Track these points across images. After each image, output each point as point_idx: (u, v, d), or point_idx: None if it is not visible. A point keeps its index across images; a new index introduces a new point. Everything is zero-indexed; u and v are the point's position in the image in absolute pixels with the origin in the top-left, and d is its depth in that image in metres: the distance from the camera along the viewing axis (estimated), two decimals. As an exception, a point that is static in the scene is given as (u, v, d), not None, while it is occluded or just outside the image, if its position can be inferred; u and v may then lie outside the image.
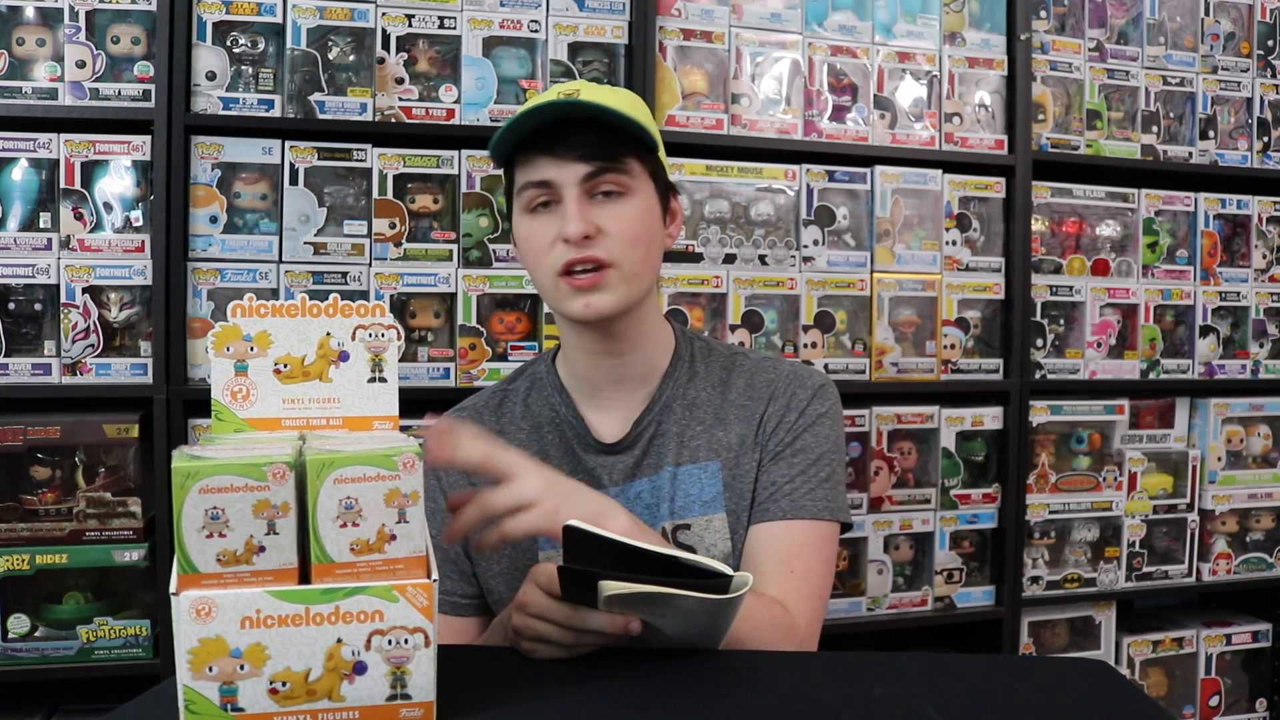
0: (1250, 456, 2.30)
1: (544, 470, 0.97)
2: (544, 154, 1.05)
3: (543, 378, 1.20)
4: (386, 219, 1.80)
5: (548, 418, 1.17)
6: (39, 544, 1.64)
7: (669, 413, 1.15)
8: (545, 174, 1.05)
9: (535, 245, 1.07)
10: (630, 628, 0.83)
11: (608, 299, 1.06)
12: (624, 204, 1.07)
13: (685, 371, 1.18)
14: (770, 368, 1.20)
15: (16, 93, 1.68)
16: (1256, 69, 2.31)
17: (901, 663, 0.93)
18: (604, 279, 1.06)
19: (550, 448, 1.15)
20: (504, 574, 1.13)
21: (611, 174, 1.06)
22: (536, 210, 1.08)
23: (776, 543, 1.10)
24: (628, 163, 1.07)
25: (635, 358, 1.15)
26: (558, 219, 1.05)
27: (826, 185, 2.01)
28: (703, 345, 1.22)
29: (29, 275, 1.68)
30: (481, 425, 1.17)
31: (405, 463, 0.69)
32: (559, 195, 1.06)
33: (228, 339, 0.78)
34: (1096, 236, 2.20)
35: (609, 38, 1.88)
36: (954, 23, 2.09)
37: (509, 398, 1.21)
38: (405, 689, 0.71)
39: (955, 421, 2.07)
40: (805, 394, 1.16)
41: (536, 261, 1.08)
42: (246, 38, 1.75)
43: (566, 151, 1.05)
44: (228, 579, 0.67)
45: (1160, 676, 2.26)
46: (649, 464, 1.14)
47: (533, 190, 1.07)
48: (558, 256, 1.05)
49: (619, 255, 1.06)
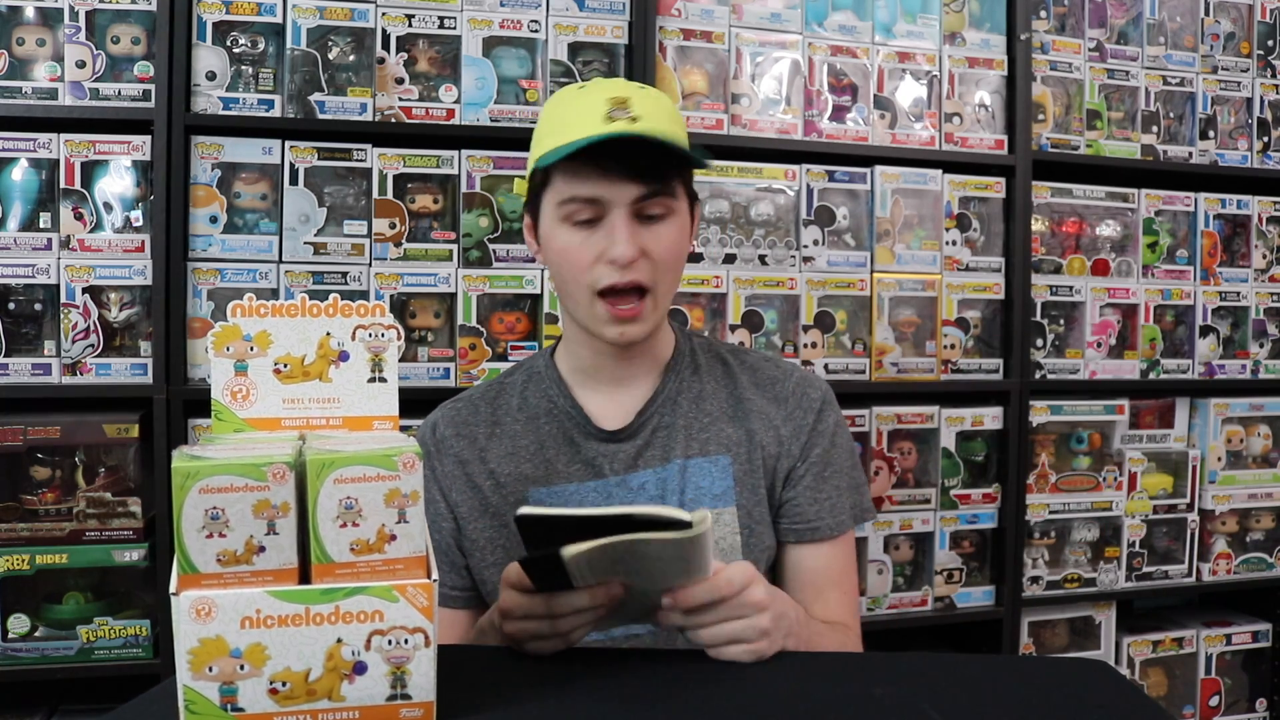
0: (1250, 456, 2.30)
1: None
2: (595, 169, 1.03)
3: (541, 371, 1.20)
4: (386, 219, 1.80)
5: (545, 408, 1.17)
6: (39, 544, 1.64)
7: (675, 405, 1.16)
8: (596, 192, 1.04)
9: (574, 260, 1.06)
10: (612, 593, 0.84)
11: (641, 329, 1.08)
12: (667, 226, 1.08)
13: (688, 365, 1.19)
14: (772, 366, 1.22)
15: (16, 93, 1.68)
16: (1256, 69, 2.31)
17: (901, 663, 0.93)
18: (642, 310, 1.07)
19: (547, 437, 1.15)
20: (497, 565, 1.13)
21: (661, 197, 1.06)
22: (578, 224, 1.06)
23: (828, 567, 1.16)
24: (674, 185, 1.08)
25: (641, 355, 1.16)
26: (601, 237, 1.05)
27: (826, 185, 2.01)
28: (702, 341, 1.24)
29: (29, 275, 1.68)
30: (476, 416, 1.18)
31: (405, 463, 0.69)
32: (604, 212, 1.05)
33: (228, 339, 0.78)
34: (1096, 236, 2.20)
35: (609, 38, 1.88)
36: (954, 23, 2.09)
37: (505, 390, 1.21)
38: (405, 689, 0.71)
39: (955, 421, 2.07)
40: (815, 405, 1.18)
41: (572, 275, 1.07)
42: (246, 38, 1.75)
43: (621, 172, 1.03)
44: (228, 579, 0.67)
45: (1160, 676, 2.26)
46: (653, 455, 1.14)
47: (578, 205, 1.05)
48: (599, 276, 1.05)
49: (658, 278, 1.07)
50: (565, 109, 1.08)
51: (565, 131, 1.04)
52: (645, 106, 1.05)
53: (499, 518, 1.13)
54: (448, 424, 1.18)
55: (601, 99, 1.05)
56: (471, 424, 1.18)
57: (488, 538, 1.14)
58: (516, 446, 1.16)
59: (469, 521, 1.15)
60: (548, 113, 1.11)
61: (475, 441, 1.16)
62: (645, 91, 1.08)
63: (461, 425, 1.18)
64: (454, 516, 1.15)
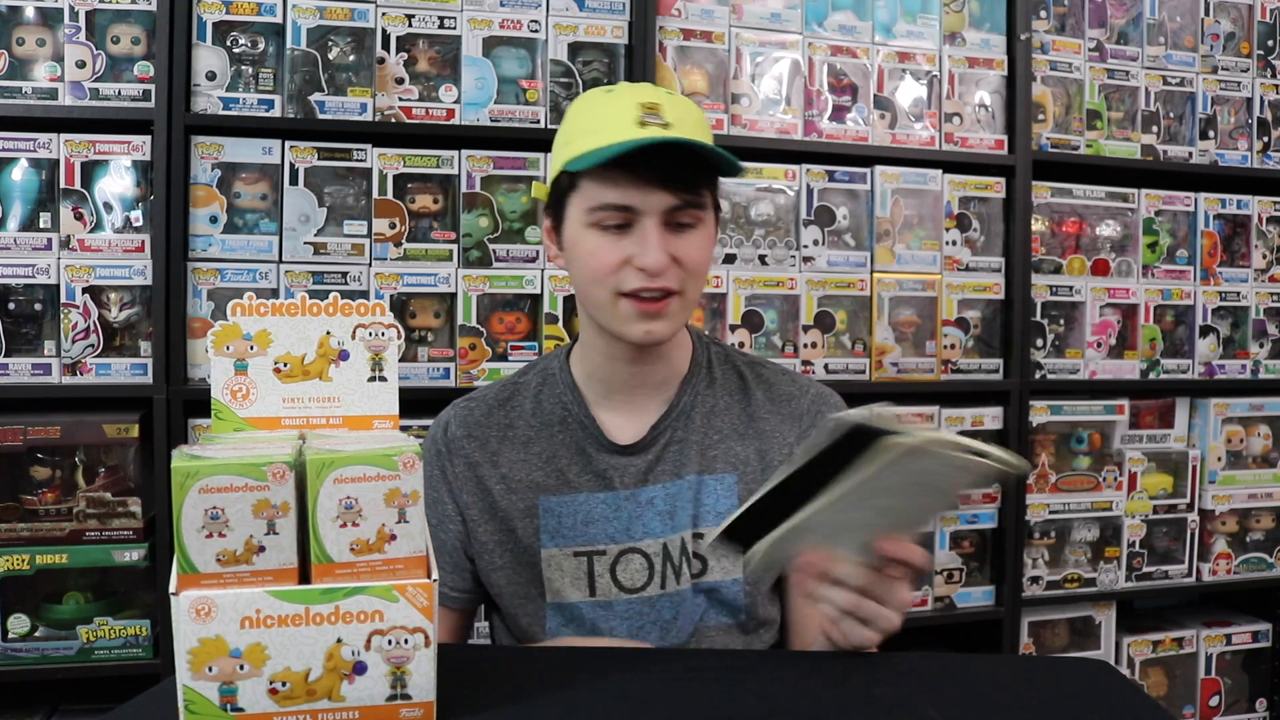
0: (1250, 456, 2.30)
1: None
2: (629, 176, 1.02)
3: (555, 375, 1.18)
4: (386, 219, 1.80)
5: (559, 416, 1.16)
6: (39, 544, 1.64)
7: (689, 420, 1.15)
8: (629, 199, 1.03)
9: (599, 264, 1.05)
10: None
11: (667, 327, 1.07)
12: (696, 234, 1.07)
13: (704, 378, 1.18)
14: (788, 381, 1.20)
15: (16, 93, 1.68)
16: (1256, 69, 2.31)
17: (901, 663, 0.93)
18: (668, 307, 1.06)
19: (560, 447, 1.14)
20: (505, 568, 1.12)
21: (692, 207, 1.05)
22: (606, 230, 1.05)
23: None
24: (705, 194, 1.07)
25: (659, 365, 1.15)
26: (631, 243, 1.04)
27: (826, 185, 2.01)
28: (719, 351, 1.22)
29: (29, 275, 1.68)
30: (489, 418, 1.16)
31: (405, 462, 0.69)
32: (635, 219, 1.04)
33: (228, 338, 0.78)
34: (1096, 236, 2.20)
35: (609, 38, 1.88)
36: (954, 23, 2.09)
37: (519, 392, 1.19)
38: (405, 689, 0.71)
39: (955, 421, 2.07)
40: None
41: (596, 278, 1.06)
42: (246, 38, 1.75)
43: (655, 181, 1.02)
44: (228, 579, 0.67)
45: (1160, 676, 2.26)
46: (664, 470, 1.13)
47: (610, 212, 1.04)
48: (624, 280, 1.04)
49: (686, 285, 1.06)
50: (594, 113, 1.06)
51: (596, 136, 1.03)
52: (676, 113, 1.04)
53: (506, 522, 1.12)
54: (460, 424, 1.16)
55: (632, 103, 1.03)
56: (484, 426, 1.16)
57: (496, 540, 1.13)
58: (529, 453, 1.14)
59: (478, 524, 1.14)
60: (575, 116, 1.09)
61: (487, 445, 1.15)
62: (674, 98, 1.07)
63: (474, 427, 1.16)
64: (461, 519, 1.14)
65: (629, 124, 1.02)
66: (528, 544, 1.11)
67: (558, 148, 1.10)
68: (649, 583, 1.10)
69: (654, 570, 1.10)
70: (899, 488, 0.79)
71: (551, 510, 1.11)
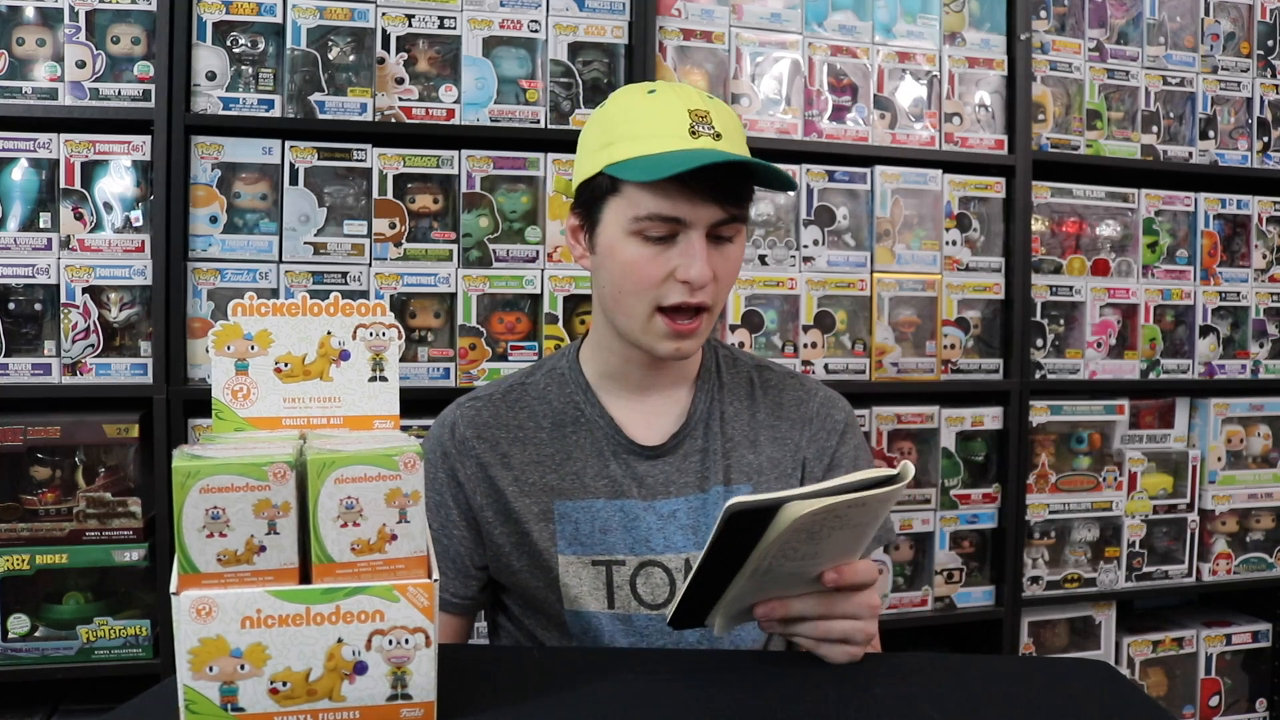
0: (1250, 456, 2.30)
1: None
2: (680, 188, 1.00)
3: (565, 373, 1.16)
4: (386, 219, 1.80)
5: (571, 416, 1.14)
6: (39, 544, 1.64)
7: (708, 427, 1.14)
8: (679, 211, 1.01)
9: (642, 275, 1.03)
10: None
11: (695, 345, 1.08)
12: (734, 247, 1.07)
13: (714, 381, 1.17)
14: (796, 385, 1.20)
15: (16, 93, 1.68)
16: (1256, 69, 2.31)
17: (901, 662, 0.93)
18: (699, 326, 1.06)
19: (574, 448, 1.12)
20: (524, 570, 1.11)
21: (737, 221, 1.05)
22: (650, 239, 1.03)
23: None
24: (747, 207, 1.07)
25: (675, 367, 1.14)
26: (675, 255, 1.02)
27: (826, 185, 2.01)
28: (727, 354, 1.21)
29: (29, 275, 1.68)
30: (498, 418, 1.14)
31: (406, 462, 0.69)
32: (680, 230, 1.02)
33: (228, 338, 0.78)
34: (1096, 236, 2.20)
35: (609, 38, 1.88)
36: (954, 23, 2.09)
37: (527, 391, 1.17)
38: (406, 689, 0.71)
39: (955, 421, 2.07)
40: (839, 427, 1.18)
41: (635, 289, 1.04)
42: (246, 38, 1.75)
43: (706, 194, 1.01)
44: (228, 579, 0.67)
45: (1160, 676, 2.26)
46: (687, 483, 1.12)
47: (657, 223, 1.02)
48: (666, 293, 1.03)
49: (719, 298, 1.06)
50: (640, 116, 1.03)
51: (646, 143, 1.00)
52: (724, 122, 1.03)
53: (520, 525, 1.10)
54: (468, 425, 1.14)
55: (680, 109, 1.01)
56: (493, 426, 1.14)
57: (513, 544, 1.11)
58: (542, 455, 1.12)
59: (494, 526, 1.11)
60: (619, 117, 1.05)
61: (497, 445, 1.13)
62: (718, 104, 1.05)
63: (482, 427, 1.14)
64: (467, 524, 1.12)
65: (681, 133, 1.00)
66: (543, 548, 1.09)
67: (595, 148, 1.06)
68: (670, 598, 1.09)
69: (675, 586, 1.09)
70: (815, 539, 0.82)
71: (568, 515, 1.10)
